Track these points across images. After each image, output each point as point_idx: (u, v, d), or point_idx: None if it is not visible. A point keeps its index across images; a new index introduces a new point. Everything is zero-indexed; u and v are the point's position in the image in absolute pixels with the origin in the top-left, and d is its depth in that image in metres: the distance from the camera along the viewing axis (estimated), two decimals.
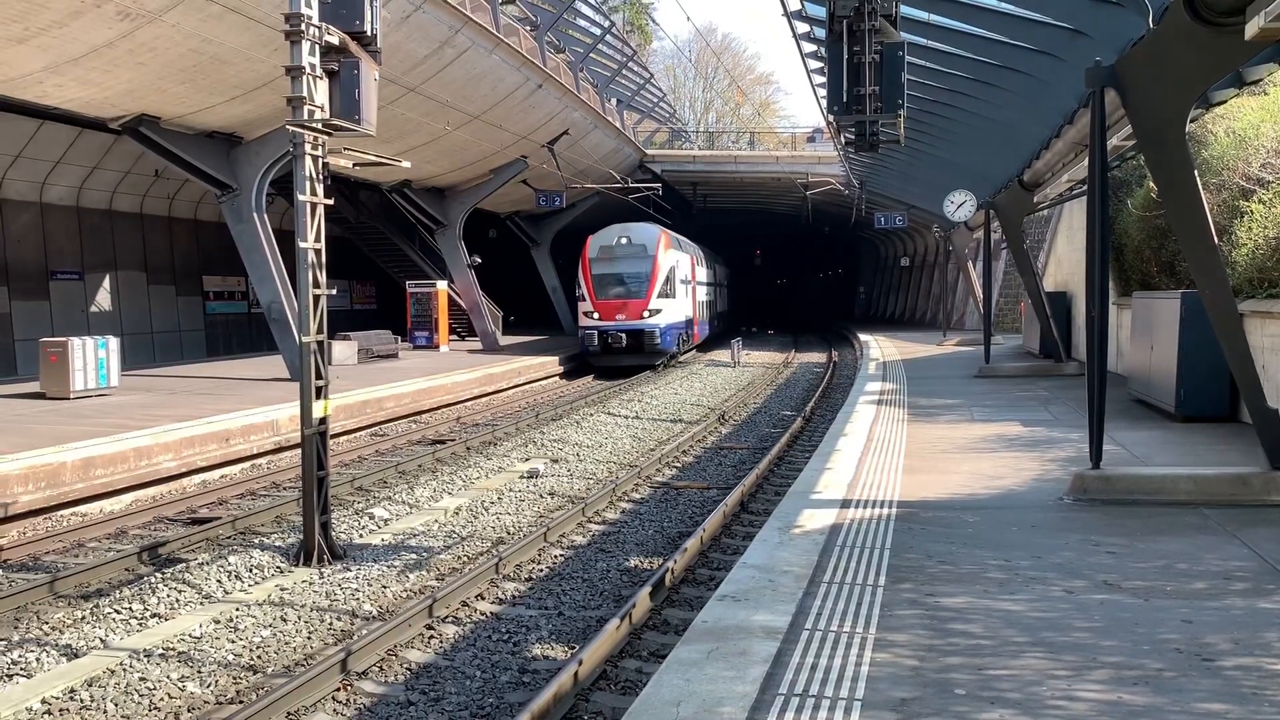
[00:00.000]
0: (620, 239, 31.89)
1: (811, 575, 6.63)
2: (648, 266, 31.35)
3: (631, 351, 30.70)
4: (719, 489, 13.76)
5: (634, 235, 32.06)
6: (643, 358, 30.91)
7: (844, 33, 9.17)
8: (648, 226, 33.15)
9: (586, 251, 31.86)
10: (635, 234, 32.14)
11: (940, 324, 39.16)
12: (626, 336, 30.48)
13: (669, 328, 31.53)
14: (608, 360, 30.87)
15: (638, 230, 32.48)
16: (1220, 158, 14.79)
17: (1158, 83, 8.16)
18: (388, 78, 17.53)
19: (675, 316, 32.27)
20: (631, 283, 31.19)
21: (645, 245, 31.66)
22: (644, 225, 33.39)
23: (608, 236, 32.08)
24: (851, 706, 4.58)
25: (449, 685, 7.36)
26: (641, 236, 32.06)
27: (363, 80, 10.47)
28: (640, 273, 31.33)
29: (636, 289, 31.10)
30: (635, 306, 30.85)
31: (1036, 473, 10.07)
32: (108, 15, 15.59)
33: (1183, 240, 8.80)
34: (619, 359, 30.84)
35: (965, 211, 25.62)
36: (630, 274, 31.33)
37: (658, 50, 75.94)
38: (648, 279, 31.20)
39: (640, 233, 32.30)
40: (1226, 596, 6.01)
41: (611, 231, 32.21)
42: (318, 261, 10.54)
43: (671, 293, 31.80)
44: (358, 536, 11.37)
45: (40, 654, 7.84)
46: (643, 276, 31.27)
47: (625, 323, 30.71)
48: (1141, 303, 15.19)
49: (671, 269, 31.90)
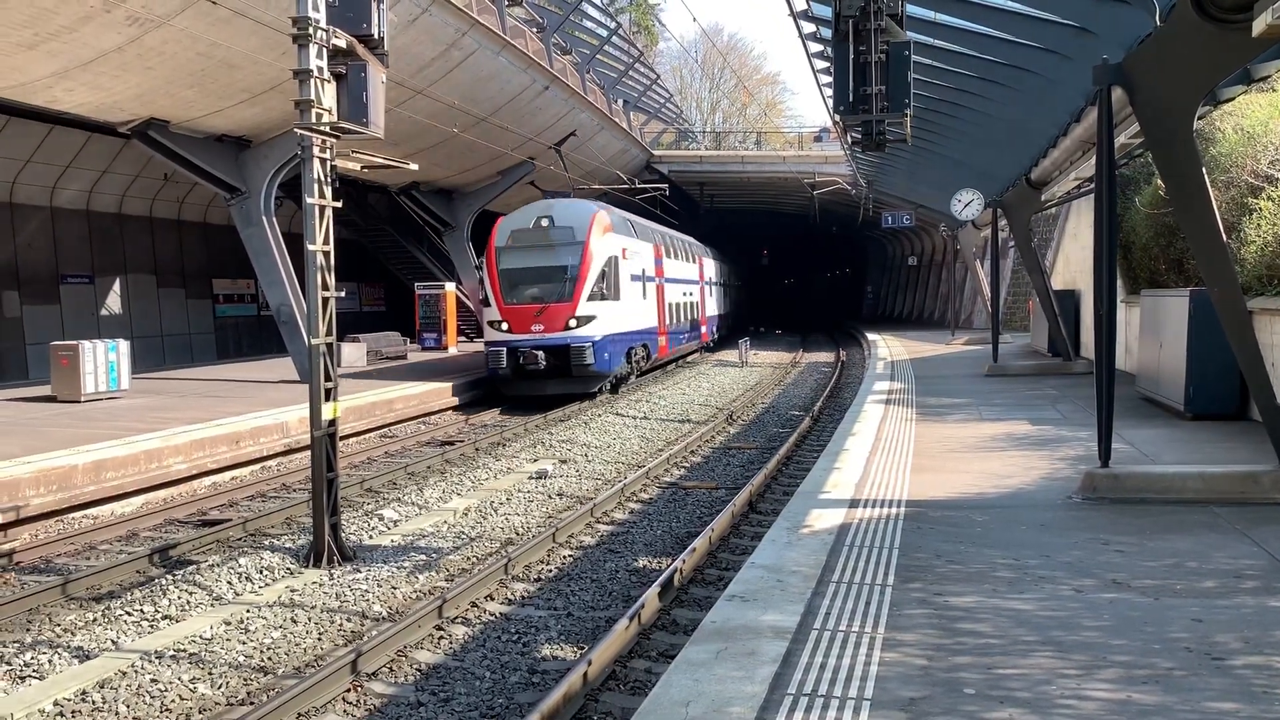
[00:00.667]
0: (539, 220, 23.53)
1: (820, 575, 6.64)
2: (575, 257, 22.98)
3: (554, 375, 22.57)
4: (727, 489, 13.76)
5: (558, 215, 23.77)
6: (571, 384, 22.85)
7: (850, 32, 9.16)
8: (578, 203, 25.60)
9: (494, 239, 23.58)
10: (560, 213, 23.91)
11: (948, 323, 39.09)
12: (545, 355, 22.25)
13: (608, 342, 23.13)
14: (522, 388, 23.01)
15: (564, 209, 24.35)
16: (1229, 155, 14.74)
17: (1165, 80, 8.14)
18: (395, 80, 17.58)
19: (619, 325, 24.03)
20: (553, 280, 23.03)
21: (573, 228, 23.35)
22: (574, 202, 26.03)
23: (523, 218, 23.91)
24: (860, 706, 4.58)
25: (459, 686, 7.38)
26: (568, 216, 23.77)
27: (370, 83, 10.50)
28: (565, 266, 23.03)
29: (560, 289, 22.89)
30: (557, 313, 22.65)
31: (1045, 471, 10.05)
32: (117, 20, 15.67)
33: (1191, 238, 8.78)
34: (537, 386, 22.86)
35: (973, 210, 25.54)
36: (552, 268, 23.10)
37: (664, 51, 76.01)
38: (575, 275, 22.86)
39: (567, 212, 24.11)
40: (1237, 595, 6.00)
41: (528, 212, 24.15)
42: (326, 264, 10.58)
43: (612, 293, 23.67)
44: (367, 538, 11.40)
45: (52, 655, 7.89)
46: (568, 271, 22.96)
47: (543, 336, 22.42)
48: (1150, 301, 15.14)
49: (611, 261, 23.75)
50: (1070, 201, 23.38)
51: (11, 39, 15.43)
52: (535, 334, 22.39)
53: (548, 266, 23.01)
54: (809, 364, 34.97)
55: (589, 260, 22.95)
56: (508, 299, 22.73)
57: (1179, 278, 16.02)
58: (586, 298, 22.70)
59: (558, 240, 23.22)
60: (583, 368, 22.42)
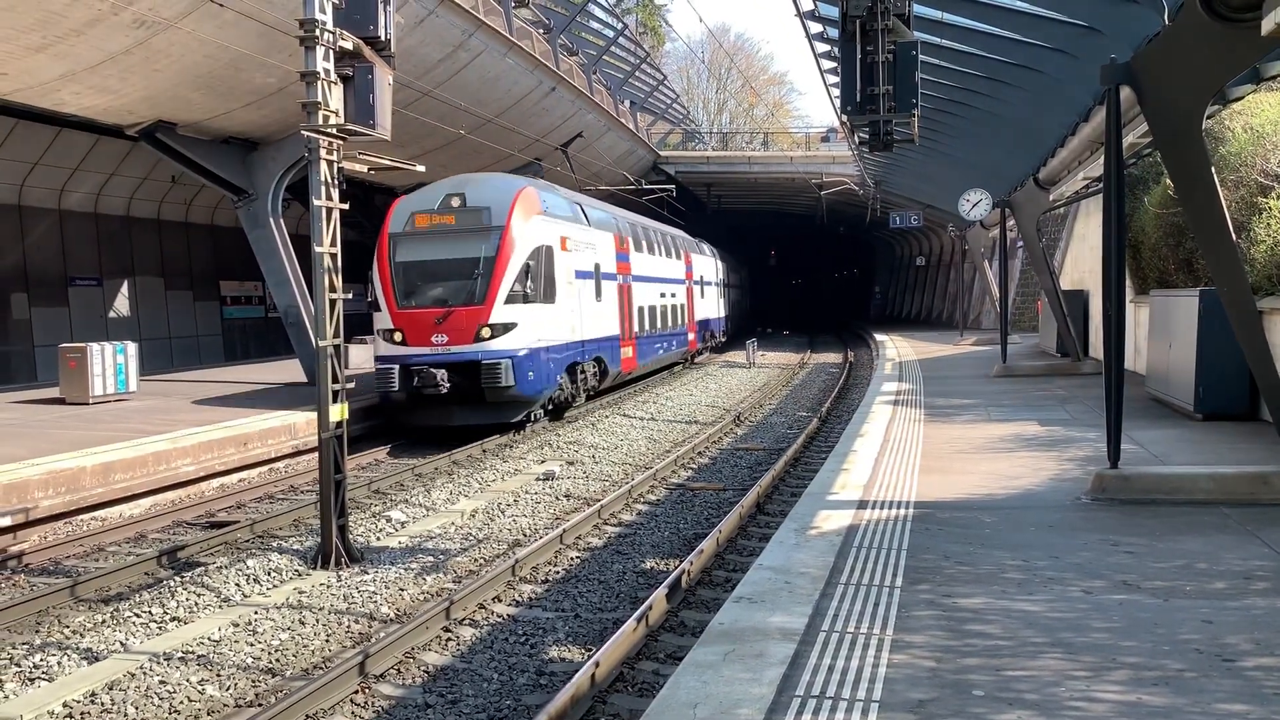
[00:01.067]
0: (449, 200, 18.68)
1: (828, 577, 6.62)
2: (491, 247, 18.08)
3: (462, 400, 17.73)
4: (735, 490, 13.74)
5: (472, 193, 18.78)
6: (485, 413, 18.05)
7: (857, 32, 9.16)
8: (501, 178, 20.90)
9: (388, 223, 18.87)
10: (475, 192, 18.89)
11: (956, 323, 39.02)
12: (449, 374, 17.39)
13: (534, 356, 18.24)
14: (421, 417, 18.25)
15: (480, 186, 19.30)
16: (1238, 154, 14.68)
17: (1174, 79, 8.11)
18: (402, 82, 17.57)
19: (553, 334, 19.11)
20: (461, 277, 18.17)
21: (489, 209, 18.39)
22: (496, 176, 21.28)
23: (428, 197, 19.08)
24: (869, 708, 4.57)
25: (466, 687, 7.38)
26: (484, 195, 18.78)
27: (377, 85, 10.52)
28: (477, 258, 18.15)
29: (469, 288, 18.02)
30: (465, 319, 17.79)
31: (1054, 472, 10.02)
32: (124, 23, 15.72)
33: (1200, 237, 8.74)
34: (439, 415, 18.04)
35: (981, 210, 25.51)
36: (459, 261, 18.26)
37: (671, 52, 75.94)
38: (489, 269, 17.97)
39: (483, 189, 19.06)
40: (1247, 596, 5.97)
41: (437, 189, 19.19)
42: (333, 266, 10.59)
43: (543, 294, 18.79)
44: (375, 539, 11.41)
45: (61, 657, 7.90)
46: (480, 265, 18.08)
47: (445, 350, 17.72)
48: (1159, 301, 15.09)
49: (543, 252, 18.87)
50: (1079, 201, 23.32)
51: (20, 42, 15.48)
52: (437, 347, 17.73)
53: (454, 259, 18.30)
54: (817, 365, 34.92)
55: (509, 250, 18.03)
56: (402, 302, 18.09)
57: (1188, 277, 15.97)
58: (504, 299, 17.90)
59: (468, 225, 18.40)
60: (498, 390, 17.54)
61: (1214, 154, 14.08)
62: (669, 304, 30.01)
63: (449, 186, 19.06)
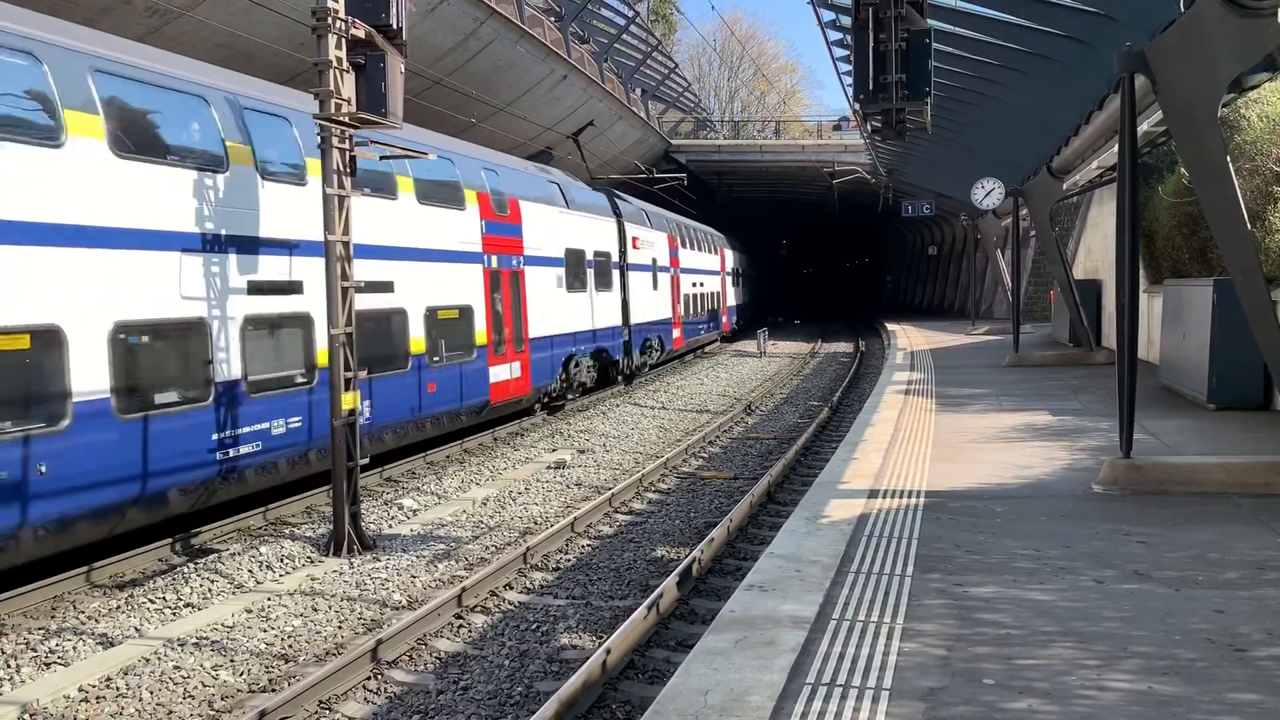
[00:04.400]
0: None
1: (839, 565, 6.63)
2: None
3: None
4: (746, 479, 13.76)
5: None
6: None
7: (870, 20, 9.11)
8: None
9: None
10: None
11: (968, 313, 38.88)
12: None
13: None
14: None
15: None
16: (1254, 143, 14.56)
17: (1189, 68, 8.05)
18: (413, 70, 17.56)
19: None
20: None
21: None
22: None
23: None
24: (879, 696, 4.58)
25: (478, 674, 7.42)
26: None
27: (389, 73, 10.53)
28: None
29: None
30: None
31: (1066, 462, 10.00)
32: (136, 11, 15.74)
33: (1215, 227, 8.69)
34: None
35: (993, 199, 25.36)
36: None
37: (682, 40, 75.63)
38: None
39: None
40: (1260, 586, 5.95)
41: None
42: (346, 254, 10.62)
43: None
44: (387, 527, 11.47)
45: (77, 642, 7.98)
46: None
47: None
48: (1173, 290, 15.01)
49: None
50: (1092, 190, 23.20)
51: None
52: None
53: None
54: (828, 354, 34.87)
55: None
56: None
57: (1202, 267, 15.87)
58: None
59: None
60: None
61: (1229, 143, 13.97)
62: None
63: None
